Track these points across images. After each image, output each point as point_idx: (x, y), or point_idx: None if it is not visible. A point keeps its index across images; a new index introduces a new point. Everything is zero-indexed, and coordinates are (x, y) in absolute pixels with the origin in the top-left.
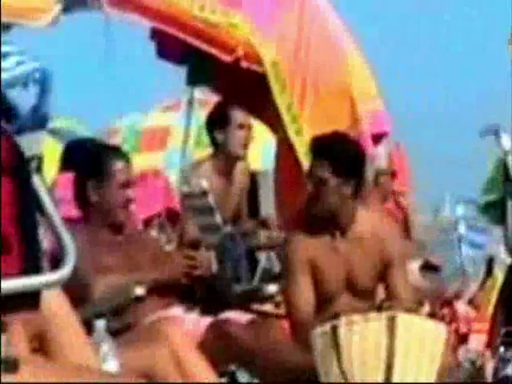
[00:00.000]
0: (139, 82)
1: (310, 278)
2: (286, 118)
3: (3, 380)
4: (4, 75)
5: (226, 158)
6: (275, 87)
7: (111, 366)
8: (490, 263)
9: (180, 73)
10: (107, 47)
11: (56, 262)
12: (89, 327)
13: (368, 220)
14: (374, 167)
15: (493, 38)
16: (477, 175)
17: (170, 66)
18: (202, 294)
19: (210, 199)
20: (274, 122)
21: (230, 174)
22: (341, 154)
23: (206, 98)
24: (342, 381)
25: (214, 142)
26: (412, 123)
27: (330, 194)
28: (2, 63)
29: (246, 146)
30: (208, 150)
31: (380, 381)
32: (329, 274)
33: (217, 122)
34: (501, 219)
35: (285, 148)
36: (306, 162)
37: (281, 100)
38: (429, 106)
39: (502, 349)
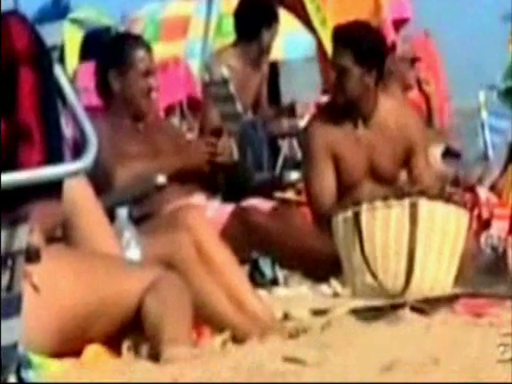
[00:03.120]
0: None
1: (330, 165)
2: (310, 7)
3: (26, 268)
4: None
5: (257, 50)
6: None
7: (133, 253)
8: (511, 149)
9: None
10: None
11: (78, 151)
12: (111, 215)
13: (390, 108)
14: (395, 54)
15: None
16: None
17: None
18: (224, 181)
19: (231, 87)
20: (301, 13)
21: (257, 64)
22: (363, 42)
23: None
24: (364, 266)
25: (248, 33)
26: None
27: (353, 83)
28: None
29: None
30: (229, 39)
31: (402, 266)
32: (351, 162)
33: (264, 19)
34: None
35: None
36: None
37: None
38: None
39: None
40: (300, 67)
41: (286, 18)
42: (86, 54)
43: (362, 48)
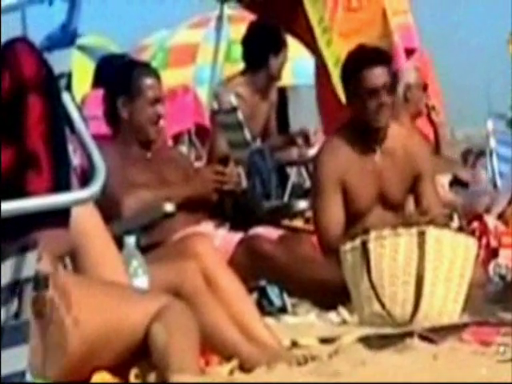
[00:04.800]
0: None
1: (339, 194)
2: (317, 30)
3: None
4: None
5: (266, 77)
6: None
7: (141, 281)
8: None
9: None
10: None
11: (86, 179)
12: (119, 244)
13: (399, 135)
14: (404, 82)
15: None
16: (506, 89)
17: None
18: (232, 209)
19: (240, 115)
20: (306, 36)
21: (266, 91)
22: (391, 67)
23: (236, 14)
24: (372, 294)
25: (256, 61)
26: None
27: (389, 109)
28: None
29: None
30: (238, 65)
31: (410, 294)
32: (360, 191)
33: (271, 46)
34: None
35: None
36: (335, 72)
37: (312, 12)
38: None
39: None
40: (309, 93)
41: (294, 44)
42: (96, 81)
43: (390, 73)
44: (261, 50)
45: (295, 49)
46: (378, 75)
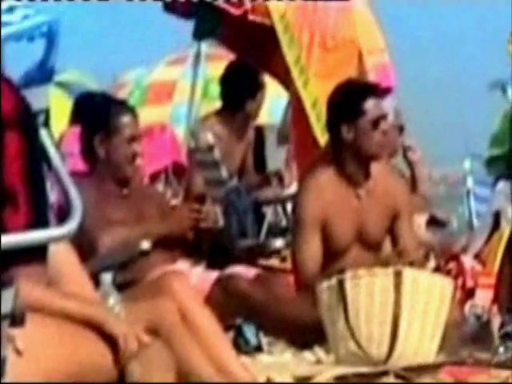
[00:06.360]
0: (146, 36)
1: (319, 235)
2: (294, 70)
3: (10, 332)
4: (10, 29)
5: (242, 118)
6: (283, 40)
7: None
8: (496, 217)
9: (186, 27)
10: (115, 1)
11: (63, 216)
12: (96, 281)
13: (377, 174)
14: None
15: None
16: (483, 129)
17: (176, 21)
18: (208, 248)
19: (216, 154)
20: (283, 76)
21: (242, 131)
22: None
23: (213, 52)
24: (348, 333)
25: (232, 101)
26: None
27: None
28: (9, 17)
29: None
30: (215, 103)
31: (386, 333)
32: (341, 229)
33: (248, 88)
34: (507, 173)
35: (299, 101)
36: (312, 113)
37: (289, 52)
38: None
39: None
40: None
41: (271, 82)
42: (75, 118)
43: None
44: (238, 91)
45: (272, 87)
46: (378, 105)
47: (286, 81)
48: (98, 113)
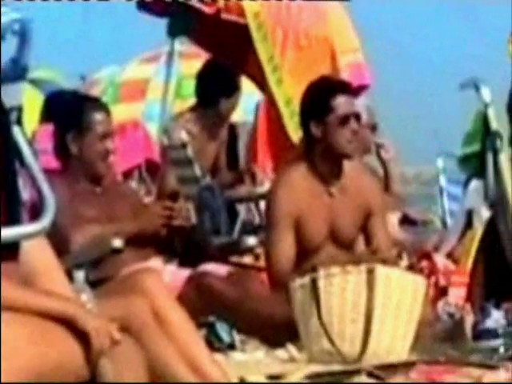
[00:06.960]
0: (119, 34)
1: (292, 232)
2: (267, 68)
3: None
4: None
5: (215, 116)
6: (257, 38)
7: None
8: (469, 216)
9: (160, 25)
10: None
11: (36, 213)
12: (69, 278)
13: (350, 173)
14: None
15: None
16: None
17: (149, 19)
18: (181, 245)
19: (189, 151)
20: (258, 76)
21: (215, 129)
22: None
23: (187, 50)
24: (321, 331)
25: (207, 100)
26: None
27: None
28: None
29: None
30: (188, 101)
31: (359, 331)
32: (314, 227)
33: (224, 87)
34: (480, 172)
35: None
36: (286, 111)
37: (262, 51)
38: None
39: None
40: None
41: (244, 80)
42: (45, 116)
43: None
44: (214, 89)
45: (245, 85)
46: (349, 103)
47: (260, 80)
48: (70, 110)
